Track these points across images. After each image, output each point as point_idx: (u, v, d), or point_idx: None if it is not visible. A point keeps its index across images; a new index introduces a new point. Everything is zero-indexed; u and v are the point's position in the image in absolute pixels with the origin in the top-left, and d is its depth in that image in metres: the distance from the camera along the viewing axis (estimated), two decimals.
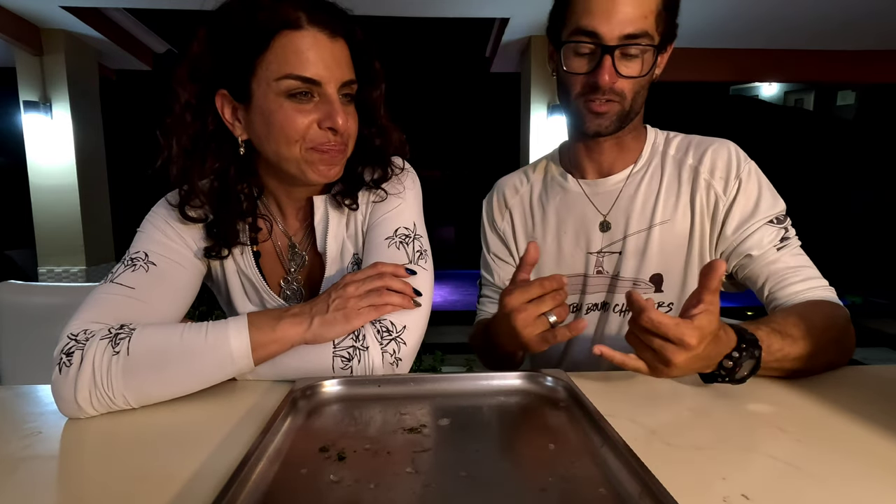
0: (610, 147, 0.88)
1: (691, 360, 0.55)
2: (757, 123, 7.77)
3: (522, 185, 1.00)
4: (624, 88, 0.78)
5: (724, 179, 0.82)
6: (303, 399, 0.57)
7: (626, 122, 0.82)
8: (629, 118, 0.82)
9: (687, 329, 0.53)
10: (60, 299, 1.22)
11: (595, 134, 0.82)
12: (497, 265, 1.00)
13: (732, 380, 0.60)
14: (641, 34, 0.74)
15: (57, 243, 3.89)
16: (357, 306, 0.64)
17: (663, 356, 0.54)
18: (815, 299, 0.74)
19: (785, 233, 0.79)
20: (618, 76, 0.76)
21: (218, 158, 0.71)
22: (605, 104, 0.79)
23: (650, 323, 0.54)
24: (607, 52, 0.74)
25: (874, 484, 0.42)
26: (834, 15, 3.69)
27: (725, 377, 0.60)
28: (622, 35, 0.74)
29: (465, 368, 2.92)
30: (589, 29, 0.75)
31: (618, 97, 0.78)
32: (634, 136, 0.89)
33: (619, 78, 0.76)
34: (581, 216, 0.91)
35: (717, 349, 0.58)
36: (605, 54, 0.75)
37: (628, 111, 0.80)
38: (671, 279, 0.85)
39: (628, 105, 0.80)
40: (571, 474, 0.42)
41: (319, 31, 0.65)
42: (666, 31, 0.78)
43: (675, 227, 0.84)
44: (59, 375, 0.57)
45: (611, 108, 0.79)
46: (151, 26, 4.24)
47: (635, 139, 0.89)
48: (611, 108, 0.79)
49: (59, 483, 0.46)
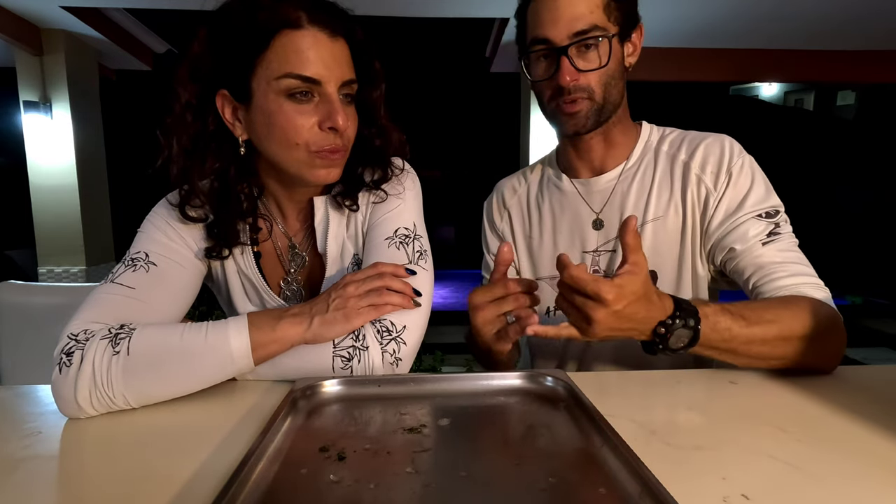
0: (597, 143, 0.88)
1: (612, 317, 0.56)
2: (757, 123, 7.77)
3: (520, 187, 1.01)
4: (590, 83, 0.79)
5: (714, 174, 0.82)
6: (303, 399, 0.57)
7: (605, 117, 0.83)
8: (605, 112, 0.82)
9: (604, 285, 0.55)
10: (60, 299, 1.22)
11: (574, 133, 0.84)
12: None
13: (667, 348, 0.61)
14: (590, 28, 0.76)
15: (57, 243, 3.89)
16: (357, 306, 0.64)
17: (584, 313, 0.57)
18: (797, 294, 0.71)
19: (775, 228, 0.77)
20: (578, 72, 0.78)
21: (218, 158, 0.71)
22: (575, 104, 0.80)
23: (570, 279, 0.57)
24: (561, 53, 0.77)
25: (874, 484, 0.42)
26: (834, 15, 3.69)
27: (659, 344, 0.61)
28: (570, 34, 0.76)
29: (465, 368, 2.92)
30: (541, 37, 0.78)
31: (585, 93, 0.79)
32: (622, 131, 0.88)
33: (579, 74, 0.78)
34: (575, 215, 0.91)
35: (649, 313, 0.59)
36: (560, 56, 0.77)
37: (602, 105, 0.81)
38: (665, 276, 0.85)
39: (600, 99, 0.80)
40: (571, 474, 0.42)
41: (320, 31, 0.65)
42: (623, 20, 0.79)
43: (668, 223, 0.84)
44: (59, 375, 0.57)
45: (582, 106, 0.80)
46: (151, 26, 4.24)
47: (624, 135, 0.89)
48: (582, 106, 0.80)
49: (59, 483, 0.46)
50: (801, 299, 0.70)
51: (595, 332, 0.58)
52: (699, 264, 0.84)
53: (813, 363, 0.67)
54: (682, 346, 0.61)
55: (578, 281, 0.56)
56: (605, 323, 0.57)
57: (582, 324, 0.59)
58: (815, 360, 0.67)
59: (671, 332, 0.60)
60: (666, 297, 0.61)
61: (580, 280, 0.56)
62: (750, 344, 0.63)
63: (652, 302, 0.59)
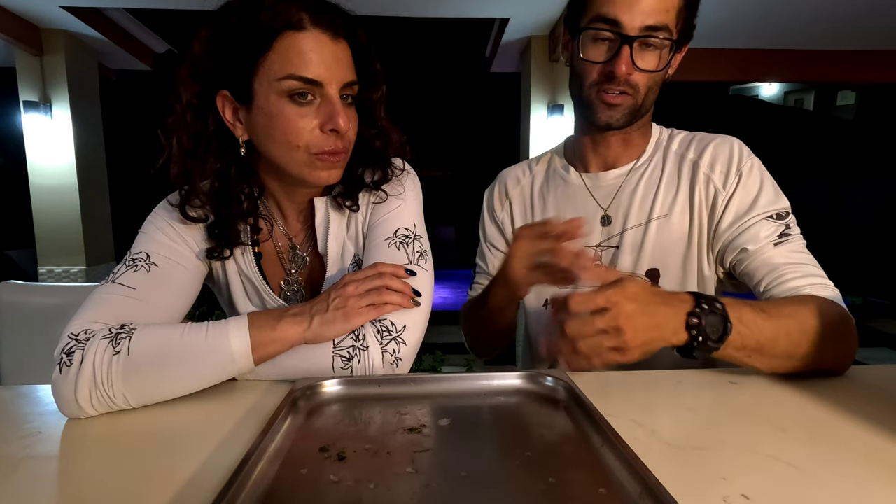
0: (616, 141, 0.88)
1: (638, 312, 0.54)
2: (757, 123, 7.77)
3: (524, 177, 1.00)
4: (639, 82, 0.78)
5: (724, 173, 0.81)
6: (303, 399, 0.57)
7: (637, 118, 0.82)
8: (640, 114, 0.81)
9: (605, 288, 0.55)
10: (60, 299, 1.22)
11: (606, 126, 0.82)
12: (492, 254, 1.02)
13: (707, 339, 0.58)
14: (662, 27, 0.74)
15: (57, 243, 3.89)
16: (357, 305, 0.64)
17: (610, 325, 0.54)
18: (811, 294, 0.70)
19: (786, 229, 0.76)
20: (634, 68, 0.75)
21: (219, 159, 0.71)
22: (618, 96, 0.78)
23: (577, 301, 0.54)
24: (626, 42, 0.74)
25: (874, 484, 0.42)
26: (834, 15, 3.69)
27: (698, 337, 0.57)
28: (643, 26, 0.73)
29: (465, 368, 2.92)
30: (610, 17, 0.74)
31: (632, 90, 0.78)
32: (642, 132, 0.88)
33: (635, 70, 0.76)
34: (582, 209, 0.91)
35: (670, 305, 0.57)
36: (623, 44, 0.74)
37: (640, 106, 0.80)
38: (669, 275, 0.85)
39: (641, 100, 0.79)
40: (571, 474, 0.42)
41: (322, 33, 0.65)
42: (684, 30, 0.77)
43: (673, 222, 0.84)
44: (60, 375, 0.57)
45: (624, 101, 0.79)
46: (151, 26, 4.24)
47: (642, 135, 0.89)
48: (624, 101, 0.79)
49: (59, 483, 0.46)
50: (814, 297, 0.69)
51: (627, 340, 0.54)
52: (705, 264, 0.84)
53: (831, 361, 0.66)
54: (718, 336, 0.58)
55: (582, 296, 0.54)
56: (633, 321, 0.54)
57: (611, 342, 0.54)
58: (833, 357, 0.66)
59: (703, 320, 0.57)
60: (681, 292, 0.60)
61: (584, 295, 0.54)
62: (775, 340, 0.61)
63: (667, 294, 0.57)
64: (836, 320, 0.66)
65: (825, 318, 0.65)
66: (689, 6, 0.76)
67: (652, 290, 0.57)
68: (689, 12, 0.77)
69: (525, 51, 4.23)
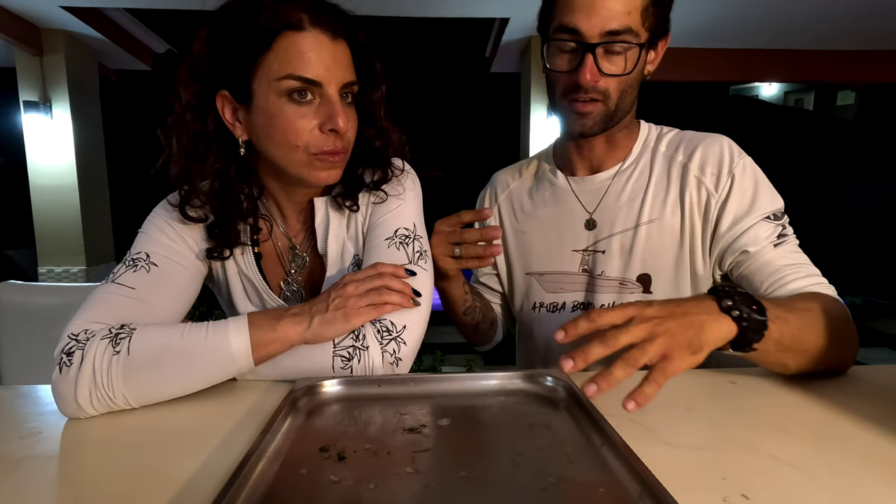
0: (600, 144, 0.87)
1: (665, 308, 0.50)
2: (757, 123, 7.76)
3: (514, 181, 1.01)
4: (608, 87, 0.76)
5: (715, 176, 0.80)
6: (303, 399, 0.57)
7: (612, 123, 0.81)
8: (615, 118, 0.80)
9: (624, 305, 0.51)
10: (60, 299, 1.22)
11: (579, 135, 0.82)
12: None
13: (752, 321, 0.53)
14: (624, 30, 0.72)
15: (57, 243, 3.89)
16: (357, 305, 0.64)
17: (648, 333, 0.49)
18: (817, 292, 0.70)
19: (783, 230, 0.77)
20: (601, 74, 0.75)
21: (218, 159, 0.71)
22: (588, 104, 0.77)
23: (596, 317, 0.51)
24: (588, 50, 0.73)
25: (874, 484, 0.42)
26: (834, 15, 3.69)
27: (744, 316, 0.53)
28: (603, 32, 0.72)
29: (465, 368, 2.92)
30: (570, 26, 0.73)
31: (601, 96, 0.77)
32: (626, 133, 0.88)
33: (601, 76, 0.75)
34: (568, 213, 0.90)
35: (695, 301, 0.53)
36: (586, 52, 0.73)
37: (613, 111, 0.79)
38: (660, 279, 0.84)
39: (613, 105, 0.78)
40: (571, 474, 0.42)
41: (321, 33, 0.65)
42: (655, 27, 0.76)
43: (664, 225, 0.83)
44: (60, 375, 0.57)
45: (594, 108, 0.78)
46: (151, 26, 4.24)
47: (627, 136, 0.88)
48: (594, 108, 0.78)
49: (59, 483, 0.46)
50: (821, 295, 0.70)
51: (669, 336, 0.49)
52: (699, 266, 0.83)
53: (840, 358, 0.65)
54: (761, 318, 0.54)
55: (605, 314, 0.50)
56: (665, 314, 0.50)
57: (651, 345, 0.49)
58: (841, 354, 0.65)
59: (732, 299, 0.53)
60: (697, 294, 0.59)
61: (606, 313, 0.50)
62: (801, 330, 0.59)
63: (688, 298, 0.54)
64: (843, 317, 0.66)
65: (835, 314, 0.65)
66: (656, 3, 0.75)
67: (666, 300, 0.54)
68: (659, 9, 0.75)
69: (525, 51, 4.23)
